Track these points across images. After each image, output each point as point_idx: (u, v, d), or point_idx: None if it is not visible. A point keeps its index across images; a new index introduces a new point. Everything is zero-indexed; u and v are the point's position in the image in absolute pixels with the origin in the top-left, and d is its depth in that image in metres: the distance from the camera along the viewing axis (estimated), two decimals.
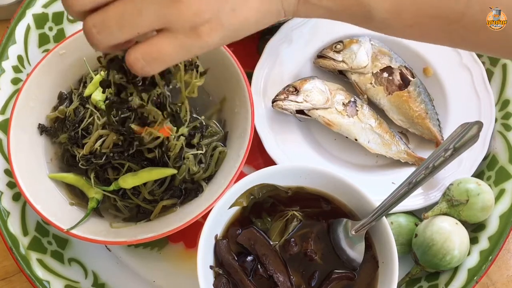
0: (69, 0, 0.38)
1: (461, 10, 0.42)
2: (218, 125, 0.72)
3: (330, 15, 0.45)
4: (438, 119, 0.77)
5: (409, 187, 0.61)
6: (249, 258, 0.61)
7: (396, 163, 0.76)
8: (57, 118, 0.72)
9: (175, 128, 0.65)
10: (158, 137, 0.65)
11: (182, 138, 0.67)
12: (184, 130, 0.67)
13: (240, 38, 0.43)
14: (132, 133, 0.64)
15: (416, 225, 0.69)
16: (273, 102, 0.75)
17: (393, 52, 0.79)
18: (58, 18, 0.83)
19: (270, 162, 0.73)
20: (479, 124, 0.64)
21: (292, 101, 0.74)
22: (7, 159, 0.70)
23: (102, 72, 0.71)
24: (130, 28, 0.38)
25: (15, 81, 0.77)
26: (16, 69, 0.78)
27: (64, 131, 0.71)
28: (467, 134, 0.63)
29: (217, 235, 0.63)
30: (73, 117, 0.71)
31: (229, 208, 0.63)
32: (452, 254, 0.64)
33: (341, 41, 0.79)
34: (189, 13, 0.38)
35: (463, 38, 0.44)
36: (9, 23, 0.79)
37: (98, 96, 0.70)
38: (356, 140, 0.75)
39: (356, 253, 0.61)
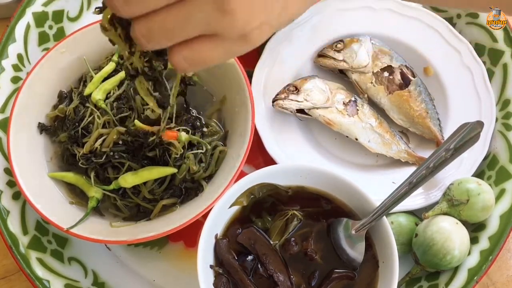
0: (116, 6, 0.37)
1: None
2: (218, 124, 0.72)
3: None
4: (438, 119, 0.77)
5: (410, 186, 0.61)
6: (249, 257, 0.61)
7: (397, 163, 0.75)
8: (57, 117, 0.72)
9: (182, 134, 0.66)
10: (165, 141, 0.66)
11: (185, 137, 0.67)
12: (190, 137, 0.67)
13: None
14: (139, 132, 0.65)
15: (417, 224, 0.69)
16: (273, 101, 0.74)
17: (393, 51, 0.79)
18: (58, 16, 0.83)
19: (270, 161, 0.73)
20: (480, 124, 0.64)
21: (292, 100, 0.74)
22: (7, 158, 0.69)
23: (114, 58, 0.73)
24: (177, 37, 0.39)
25: (15, 79, 0.77)
26: (16, 68, 0.77)
27: (64, 130, 0.71)
28: (468, 134, 0.63)
29: (217, 234, 0.63)
30: (73, 116, 0.71)
31: (229, 207, 0.63)
32: (452, 254, 0.64)
33: (341, 40, 0.79)
34: (240, 23, 0.38)
35: None
36: (9, 22, 0.79)
37: (98, 95, 0.70)
38: (356, 139, 0.75)
39: (356, 252, 0.61)
